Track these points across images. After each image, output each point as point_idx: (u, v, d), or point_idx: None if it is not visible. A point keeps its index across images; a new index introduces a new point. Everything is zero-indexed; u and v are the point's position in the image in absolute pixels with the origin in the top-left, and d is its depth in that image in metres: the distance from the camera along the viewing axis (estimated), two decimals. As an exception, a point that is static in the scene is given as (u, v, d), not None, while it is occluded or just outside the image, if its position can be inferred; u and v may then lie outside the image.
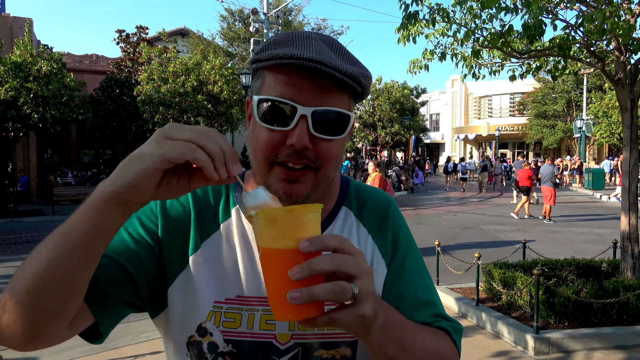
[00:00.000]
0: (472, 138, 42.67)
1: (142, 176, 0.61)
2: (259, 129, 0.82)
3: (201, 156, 0.61)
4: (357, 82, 0.79)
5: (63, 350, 4.57)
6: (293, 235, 0.63)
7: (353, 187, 1.02)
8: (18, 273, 0.68)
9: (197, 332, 0.87)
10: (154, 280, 0.87)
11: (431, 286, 0.96)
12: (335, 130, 0.81)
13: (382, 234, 0.97)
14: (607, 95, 23.39)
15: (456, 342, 0.89)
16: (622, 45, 5.05)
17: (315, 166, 0.81)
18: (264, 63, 0.80)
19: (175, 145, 0.61)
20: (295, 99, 0.78)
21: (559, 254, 7.06)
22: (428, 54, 6.15)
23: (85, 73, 22.66)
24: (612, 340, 4.54)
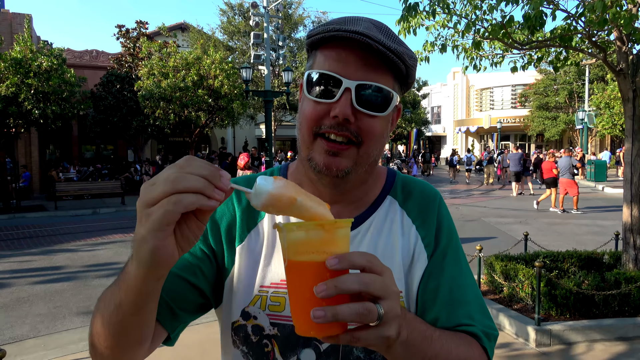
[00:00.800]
0: (474, 130, 42.54)
1: (157, 253, 0.60)
2: (306, 103, 0.86)
3: (189, 199, 0.58)
4: (401, 59, 0.82)
5: (67, 344, 4.60)
6: (321, 250, 0.61)
7: (400, 179, 1.04)
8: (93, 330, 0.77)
9: (241, 316, 0.92)
10: (214, 281, 0.94)
11: (469, 284, 0.94)
12: (378, 106, 0.83)
13: (426, 225, 0.96)
14: (609, 87, 23.28)
15: (487, 349, 0.87)
16: (624, 35, 5.01)
17: (358, 141, 0.83)
18: (315, 37, 0.84)
19: (160, 210, 0.58)
20: (341, 72, 0.81)
21: (560, 246, 7.05)
22: (429, 46, 6.11)
23: (85, 69, 22.64)
24: (614, 331, 4.54)
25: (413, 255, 0.93)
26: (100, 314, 0.75)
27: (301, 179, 0.97)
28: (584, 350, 4.33)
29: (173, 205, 0.57)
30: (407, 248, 0.94)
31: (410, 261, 0.93)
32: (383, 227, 0.95)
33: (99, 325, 0.75)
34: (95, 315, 0.77)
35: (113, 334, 0.74)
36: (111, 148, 25.84)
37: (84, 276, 7.13)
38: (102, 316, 0.74)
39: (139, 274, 0.64)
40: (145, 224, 0.59)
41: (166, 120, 16.47)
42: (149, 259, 0.61)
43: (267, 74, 16.60)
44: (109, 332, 0.74)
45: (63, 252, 8.89)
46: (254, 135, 32.40)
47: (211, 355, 4.26)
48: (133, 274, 0.65)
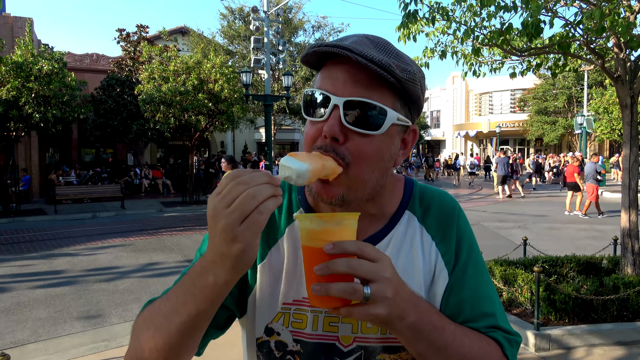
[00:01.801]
0: (473, 135, 42.61)
1: (252, 259, 0.69)
2: (307, 124, 0.87)
3: (270, 206, 0.67)
4: (387, 71, 0.76)
5: (68, 349, 4.62)
6: (323, 238, 0.71)
7: (417, 190, 1.00)
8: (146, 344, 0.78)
9: (264, 332, 0.93)
10: (238, 297, 0.95)
11: (492, 296, 0.93)
12: (370, 124, 0.79)
13: (446, 241, 0.95)
14: (607, 92, 23.34)
15: (508, 356, 0.87)
16: (621, 42, 5.06)
17: (345, 162, 0.79)
18: (303, 57, 0.85)
19: (253, 223, 0.65)
20: (330, 89, 0.80)
21: (559, 251, 7.08)
22: (428, 52, 6.15)
23: (86, 72, 22.70)
24: (612, 336, 4.56)
25: (434, 273, 0.93)
26: (158, 326, 0.77)
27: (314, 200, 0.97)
28: (583, 355, 4.35)
29: (263, 215, 0.66)
30: (428, 266, 0.93)
31: (432, 279, 0.92)
32: (403, 244, 0.93)
33: (157, 339, 0.76)
34: (147, 329, 0.78)
35: (179, 343, 0.77)
36: (111, 152, 25.85)
37: (84, 280, 7.15)
38: (161, 329, 0.76)
39: (228, 281, 0.71)
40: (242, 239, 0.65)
41: (166, 124, 16.49)
42: (246, 266, 0.69)
43: (267, 78, 16.66)
44: (174, 342, 0.76)
45: (63, 256, 8.90)
46: (253, 139, 32.43)
47: (209, 357, 4.28)
48: (219, 284, 0.71)
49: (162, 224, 13.02)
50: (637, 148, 5.35)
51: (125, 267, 7.90)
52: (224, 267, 0.68)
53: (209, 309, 0.74)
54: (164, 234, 11.30)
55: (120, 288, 6.71)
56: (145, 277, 7.27)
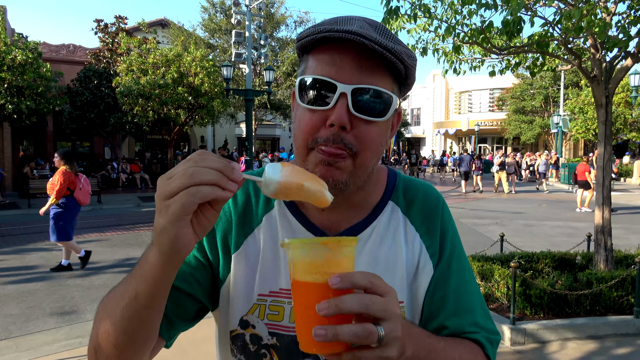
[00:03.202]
0: (453, 133, 43.10)
1: (178, 242, 0.63)
2: (300, 112, 0.81)
3: (205, 191, 0.60)
4: (399, 59, 0.76)
5: (40, 346, 4.51)
6: (325, 270, 0.61)
7: (401, 181, 0.99)
8: (99, 331, 0.76)
9: (239, 325, 0.91)
10: (210, 288, 0.92)
11: (474, 291, 0.94)
12: (377, 111, 0.78)
13: (430, 233, 0.94)
14: (583, 92, 23.87)
15: (490, 356, 0.88)
16: (598, 43, 5.16)
17: (353, 152, 0.78)
18: (306, 40, 0.79)
19: (178, 202, 0.60)
20: (336, 77, 0.76)
21: (535, 247, 7.21)
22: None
23: (62, 63, 22.15)
24: (585, 330, 4.67)
25: (418, 265, 0.92)
26: (109, 312, 0.74)
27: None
28: (557, 349, 4.44)
29: (191, 197, 0.60)
30: (412, 258, 0.92)
31: (415, 271, 0.91)
32: (386, 235, 0.92)
33: (107, 325, 0.74)
34: (102, 316, 0.76)
35: (125, 331, 0.73)
36: (88, 145, 25.34)
37: (58, 276, 6.99)
38: (111, 314, 0.74)
39: (160, 262, 0.66)
40: (165, 214, 0.61)
41: (145, 117, 16.23)
42: (170, 247, 0.63)
43: (248, 72, 16.52)
44: (120, 329, 0.73)
45: (36, 251, 8.68)
46: (234, 134, 32.19)
47: (189, 355, 4.23)
48: (152, 264, 0.67)
49: (139, 218, 12.82)
50: (611, 147, 5.47)
51: (101, 263, 7.75)
52: (155, 245, 0.65)
53: (149, 292, 0.69)
54: (142, 229, 11.13)
55: (95, 283, 6.58)
56: (122, 273, 7.14)
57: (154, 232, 0.65)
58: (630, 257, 5.81)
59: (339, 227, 0.92)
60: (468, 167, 19.88)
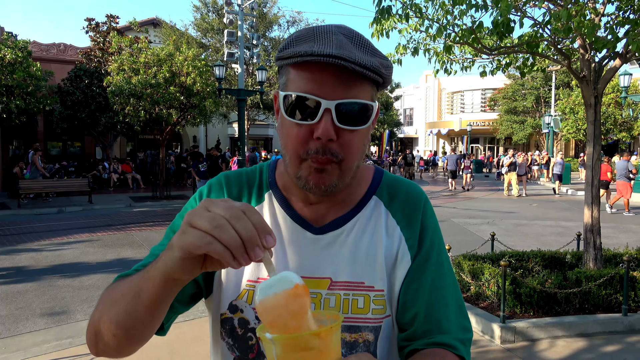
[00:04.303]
0: (445, 133, 43.29)
1: (177, 265, 0.66)
2: (287, 124, 0.86)
3: (217, 249, 0.61)
4: (377, 73, 0.82)
5: (29, 347, 4.47)
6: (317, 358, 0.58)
7: (386, 179, 1.03)
8: (101, 315, 0.80)
9: (228, 309, 0.95)
10: (207, 272, 0.95)
11: (449, 286, 0.96)
12: (359, 120, 0.84)
13: (410, 227, 0.97)
14: (574, 92, 24.08)
15: (464, 356, 0.91)
16: (587, 43, 5.21)
17: (339, 159, 0.84)
18: (287, 61, 0.83)
19: (193, 237, 0.63)
20: (319, 93, 0.81)
21: (526, 246, 7.27)
22: (401, 48, 6.20)
23: (52, 62, 21.95)
24: (575, 328, 4.71)
25: (396, 256, 0.95)
26: (114, 301, 0.79)
27: (288, 183, 0.98)
28: (547, 347, 4.48)
29: (203, 244, 0.62)
30: (391, 248, 0.95)
31: (394, 262, 0.95)
32: (367, 227, 0.96)
33: (110, 313, 0.78)
34: (106, 302, 0.81)
35: (125, 324, 0.77)
36: (78, 145, 25.11)
37: (49, 276, 6.93)
38: (115, 304, 0.78)
39: (163, 272, 0.70)
40: (178, 237, 0.65)
41: (136, 117, 16.12)
42: (170, 264, 0.67)
43: (240, 72, 16.48)
44: (120, 321, 0.77)
45: (26, 251, 8.61)
46: (226, 134, 32.09)
47: (180, 355, 4.22)
48: (158, 270, 0.71)
49: (131, 219, 12.75)
50: (600, 146, 5.52)
51: (92, 263, 7.70)
52: (164, 255, 0.70)
53: (151, 294, 0.73)
54: (133, 229, 11.07)
55: (86, 284, 6.54)
56: (113, 273, 7.09)
57: (170, 242, 0.69)
58: (618, 256, 5.87)
59: (324, 219, 0.96)
60: (455, 166, 20.60)
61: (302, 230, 0.95)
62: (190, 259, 0.65)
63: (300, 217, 0.96)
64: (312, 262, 0.93)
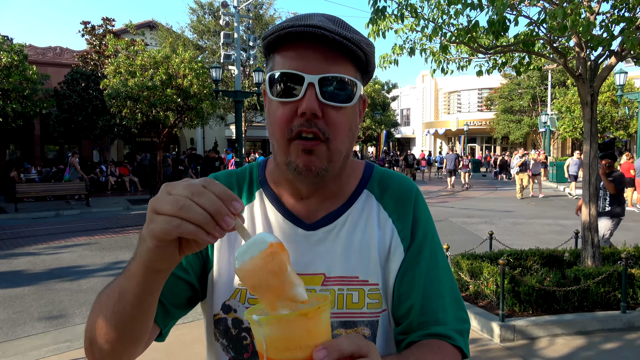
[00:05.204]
0: (442, 133, 43.34)
1: (152, 254, 0.65)
2: (273, 107, 0.86)
3: (187, 229, 0.59)
4: (359, 47, 0.83)
5: (28, 351, 4.45)
6: (306, 343, 0.57)
7: (377, 173, 1.03)
8: (92, 323, 0.78)
9: (221, 309, 0.94)
10: (201, 274, 0.96)
11: (444, 277, 0.95)
12: (343, 97, 0.84)
13: (402, 219, 0.97)
14: (570, 91, 24.14)
15: (462, 347, 0.90)
16: (582, 42, 5.22)
17: (325, 137, 0.83)
18: (271, 37, 0.84)
19: (161, 223, 0.61)
20: (302, 69, 0.82)
21: (524, 245, 7.27)
22: (397, 49, 6.21)
23: (48, 66, 21.91)
24: (574, 326, 4.72)
25: (389, 249, 0.94)
26: (103, 305, 0.77)
27: (279, 178, 0.98)
28: (546, 345, 4.48)
29: (172, 227, 0.60)
30: (384, 242, 0.95)
31: (387, 255, 0.94)
32: (359, 221, 0.96)
33: (100, 318, 0.77)
34: (96, 308, 0.79)
35: (115, 326, 0.75)
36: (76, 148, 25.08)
37: (47, 280, 6.91)
38: (104, 308, 0.76)
39: (139, 266, 0.68)
40: (147, 227, 0.63)
41: (133, 120, 16.10)
42: (146, 256, 0.65)
43: (237, 74, 16.49)
44: (111, 324, 0.75)
45: (24, 255, 8.58)
46: (224, 136, 32.08)
47: (178, 357, 4.21)
48: (135, 265, 0.69)
49: (129, 221, 12.72)
50: (597, 144, 5.53)
51: (90, 266, 7.68)
52: (138, 249, 0.68)
53: (134, 292, 0.71)
54: (131, 231, 11.04)
55: (84, 287, 6.51)
56: (111, 276, 7.04)
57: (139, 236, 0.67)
58: (616, 253, 5.88)
59: (316, 215, 0.96)
60: (453, 165, 21.34)
61: (294, 227, 0.94)
62: (165, 245, 0.63)
63: (291, 213, 0.96)
64: (304, 258, 0.93)
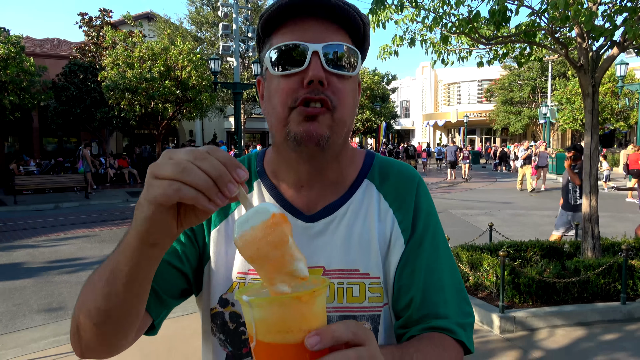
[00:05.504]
0: (442, 124, 43.25)
1: (149, 222, 0.61)
2: (275, 83, 0.84)
3: (188, 194, 0.56)
4: (359, 15, 0.84)
5: (27, 343, 4.45)
6: (299, 327, 0.53)
7: (378, 161, 1.00)
8: (80, 305, 0.74)
9: (218, 303, 0.91)
10: (197, 266, 0.93)
11: (446, 269, 0.92)
12: (347, 66, 0.84)
13: (403, 209, 0.93)
14: (570, 82, 24.08)
15: (464, 341, 0.87)
16: (584, 32, 5.17)
17: (332, 105, 0.81)
18: (272, 10, 0.83)
19: (160, 187, 0.57)
20: (304, 40, 0.81)
21: (524, 236, 7.27)
22: (397, 39, 6.15)
23: (46, 58, 21.79)
24: (573, 317, 4.72)
25: (390, 240, 0.91)
26: (92, 287, 0.72)
27: (278, 166, 0.95)
28: (546, 336, 4.48)
29: (171, 191, 0.57)
30: (384, 233, 0.92)
31: (388, 246, 0.91)
32: (359, 212, 0.93)
33: (89, 301, 0.72)
34: (86, 290, 0.74)
35: (105, 310, 0.70)
36: (74, 140, 25.01)
37: (46, 272, 6.90)
38: (93, 289, 0.71)
39: (134, 238, 0.64)
40: (146, 192, 0.60)
41: (132, 112, 16.03)
42: (142, 226, 0.61)
43: (236, 65, 16.39)
44: (100, 306, 0.70)
45: (23, 247, 8.57)
46: (222, 128, 31.99)
47: (178, 350, 4.21)
48: (132, 236, 0.64)
49: (128, 214, 12.71)
50: (597, 136, 5.50)
51: (90, 258, 7.67)
52: (133, 218, 0.64)
53: (127, 269, 0.66)
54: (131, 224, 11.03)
55: (84, 279, 6.46)
56: (111, 268, 7.07)
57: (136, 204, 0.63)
58: (617, 245, 5.88)
59: (316, 206, 0.93)
60: (454, 157, 21.68)
61: (293, 219, 0.91)
62: (163, 213, 0.59)
63: (290, 205, 0.93)
64: (303, 251, 0.88)
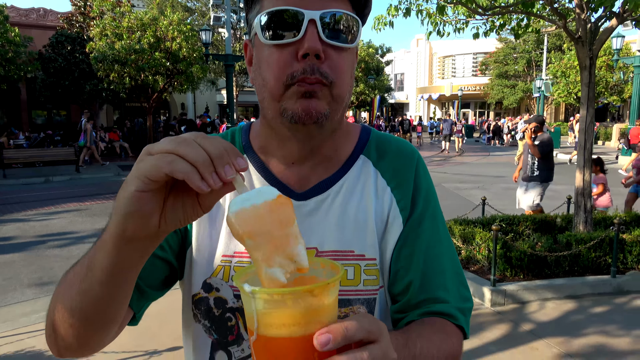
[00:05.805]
0: (436, 98, 43.04)
1: (131, 202, 0.54)
2: (266, 53, 0.76)
3: (180, 166, 0.51)
4: None
5: (18, 317, 4.43)
6: (307, 320, 0.48)
7: (374, 136, 0.94)
8: (56, 304, 0.69)
9: (202, 288, 0.86)
10: (179, 251, 0.87)
11: (445, 252, 0.88)
12: (346, 37, 0.76)
13: (402, 187, 0.88)
14: (565, 56, 23.88)
15: (463, 327, 0.83)
16: (583, 2, 5.06)
17: (329, 81, 0.74)
18: None
19: (152, 159, 0.52)
20: (299, 4, 0.73)
21: (516, 210, 7.29)
22: (393, 9, 6.01)
23: (32, 28, 21.19)
24: (564, 290, 4.76)
25: (387, 220, 0.86)
26: (68, 284, 0.67)
27: (267, 141, 0.88)
28: (536, 309, 4.53)
29: (163, 163, 0.52)
30: (381, 212, 0.87)
31: (385, 226, 0.86)
32: (355, 189, 0.87)
33: (65, 299, 0.67)
34: (60, 287, 0.69)
35: (79, 308, 0.65)
36: (64, 113, 24.61)
37: (36, 246, 6.85)
38: (69, 287, 0.66)
39: (111, 229, 0.58)
40: (134, 168, 0.55)
41: (121, 84, 15.73)
42: (123, 205, 0.55)
43: (227, 37, 16.05)
44: (75, 304, 0.65)
45: (13, 222, 8.49)
46: (215, 101, 31.61)
47: (170, 325, 4.21)
48: (105, 235, 0.60)
49: (119, 187, 12.48)
50: (593, 109, 5.45)
51: (81, 232, 7.62)
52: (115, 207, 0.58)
53: (104, 264, 0.60)
54: (122, 198, 10.95)
55: (75, 253, 6.47)
56: (102, 243, 7.03)
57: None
58: (608, 219, 5.91)
59: (308, 183, 0.87)
60: (449, 130, 22.84)
61: None
62: (148, 195, 0.54)
63: (279, 181, 0.86)
64: None
